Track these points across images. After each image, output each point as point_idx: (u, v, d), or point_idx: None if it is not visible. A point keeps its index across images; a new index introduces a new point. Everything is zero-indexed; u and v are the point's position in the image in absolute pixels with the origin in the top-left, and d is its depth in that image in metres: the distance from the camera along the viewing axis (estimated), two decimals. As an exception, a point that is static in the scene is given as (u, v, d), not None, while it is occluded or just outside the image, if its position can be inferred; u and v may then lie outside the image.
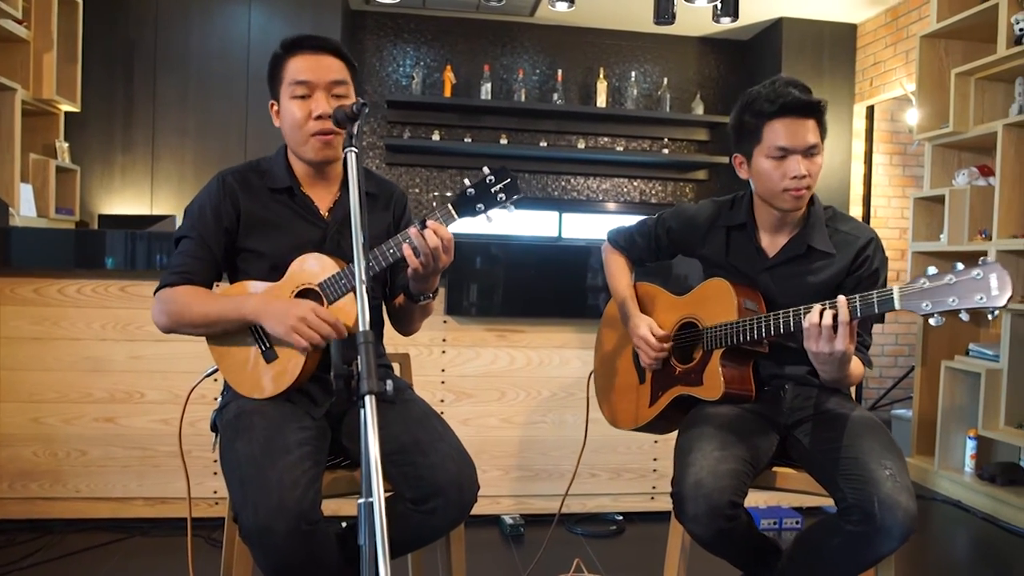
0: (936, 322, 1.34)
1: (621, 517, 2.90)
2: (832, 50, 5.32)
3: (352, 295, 1.50)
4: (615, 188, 5.79)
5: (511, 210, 1.51)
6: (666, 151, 5.65)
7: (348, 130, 1.36)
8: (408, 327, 1.77)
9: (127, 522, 2.66)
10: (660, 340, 1.77)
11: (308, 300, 1.49)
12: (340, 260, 1.56)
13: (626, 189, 5.81)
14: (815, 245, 1.71)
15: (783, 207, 1.69)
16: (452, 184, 5.56)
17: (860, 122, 5.33)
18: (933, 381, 3.70)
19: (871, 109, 5.33)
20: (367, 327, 1.16)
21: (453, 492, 1.46)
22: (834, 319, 1.45)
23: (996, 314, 1.38)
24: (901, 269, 5.24)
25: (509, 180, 1.49)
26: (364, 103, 1.40)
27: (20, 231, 2.72)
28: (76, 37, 4.24)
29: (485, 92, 5.36)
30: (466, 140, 5.39)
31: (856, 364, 1.60)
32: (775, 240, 1.76)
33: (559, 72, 5.52)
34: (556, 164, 5.67)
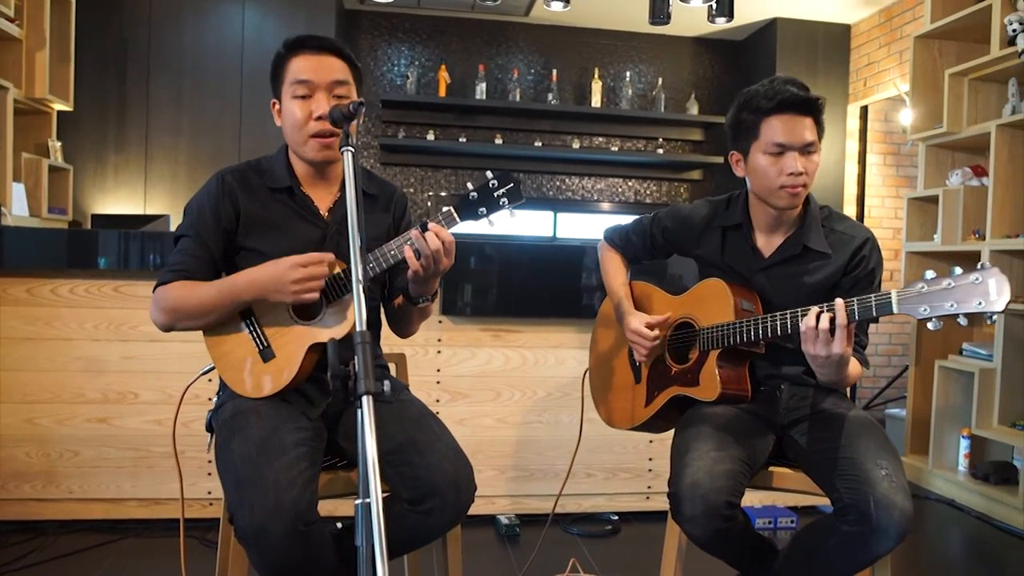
0: (934, 326, 1.33)
1: (617, 517, 2.90)
2: (826, 50, 5.33)
3: (351, 295, 1.50)
4: (610, 188, 5.79)
5: (512, 214, 1.51)
6: (661, 151, 5.65)
7: (344, 129, 1.36)
8: (406, 329, 1.77)
9: (120, 523, 2.65)
10: (651, 328, 1.76)
11: (288, 257, 1.49)
12: (340, 260, 1.56)
13: (621, 189, 5.81)
14: (811, 245, 1.71)
15: (779, 204, 1.69)
16: (447, 184, 5.55)
17: (854, 122, 5.34)
18: (927, 380, 3.71)
19: (865, 109, 5.34)
20: (364, 327, 1.16)
21: (450, 492, 1.46)
22: (831, 322, 1.44)
23: (995, 319, 1.38)
24: (895, 269, 5.25)
25: (512, 185, 1.50)
26: (361, 102, 1.40)
27: (12, 231, 2.70)
28: (69, 36, 4.22)
29: (480, 92, 5.36)
30: (461, 140, 5.38)
31: (854, 365, 1.60)
32: (771, 240, 1.76)
33: (554, 72, 5.52)
34: (551, 164, 5.67)
